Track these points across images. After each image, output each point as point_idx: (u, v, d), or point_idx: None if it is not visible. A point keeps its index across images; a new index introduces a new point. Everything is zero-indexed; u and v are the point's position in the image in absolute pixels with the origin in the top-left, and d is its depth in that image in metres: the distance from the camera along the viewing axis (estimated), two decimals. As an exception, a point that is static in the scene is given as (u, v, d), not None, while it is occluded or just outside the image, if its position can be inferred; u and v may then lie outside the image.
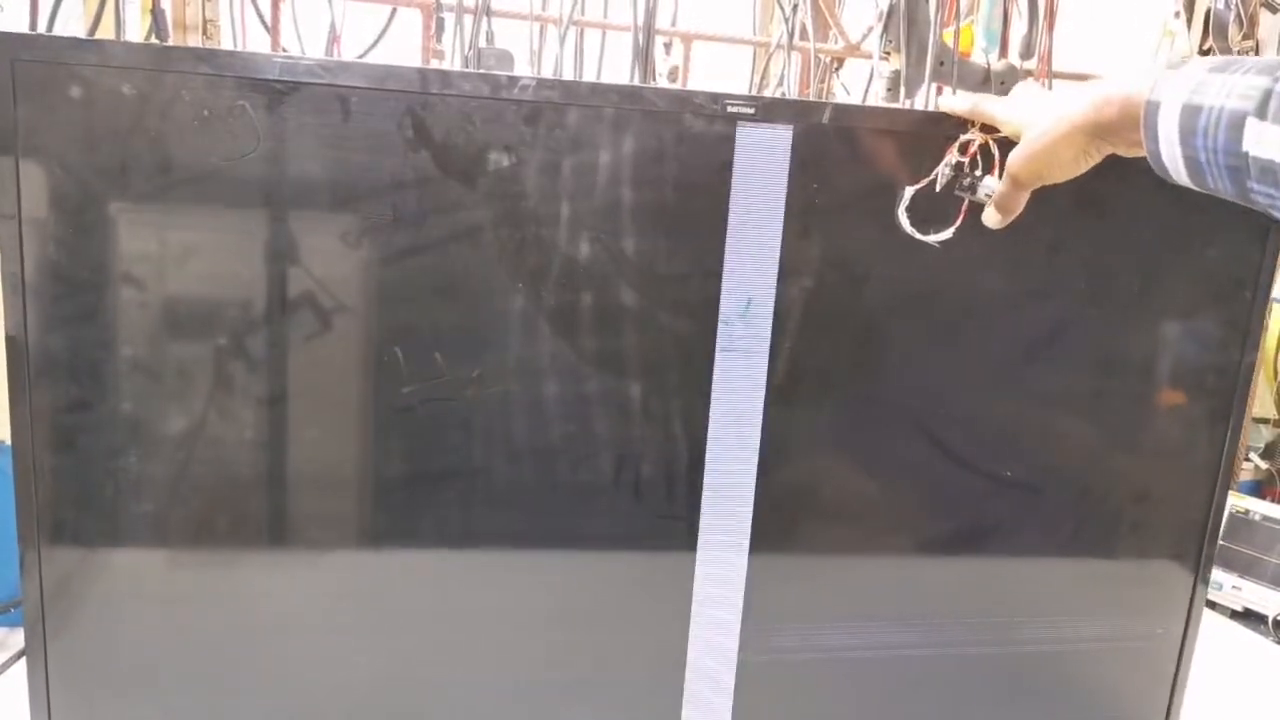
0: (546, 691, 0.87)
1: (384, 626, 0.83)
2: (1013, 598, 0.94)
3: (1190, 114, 0.58)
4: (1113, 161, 0.71)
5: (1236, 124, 0.55)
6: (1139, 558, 0.95)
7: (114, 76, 0.69)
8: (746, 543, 0.86)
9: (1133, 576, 0.96)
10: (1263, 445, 1.85)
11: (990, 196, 0.77)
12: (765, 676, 0.89)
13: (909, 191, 0.79)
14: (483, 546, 0.83)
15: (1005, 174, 0.75)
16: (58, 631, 0.77)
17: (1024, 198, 0.75)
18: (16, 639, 1.02)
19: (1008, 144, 0.76)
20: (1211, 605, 1.42)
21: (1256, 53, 1.57)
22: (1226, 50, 1.55)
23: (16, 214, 0.70)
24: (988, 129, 0.78)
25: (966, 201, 0.79)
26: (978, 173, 0.78)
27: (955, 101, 0.80)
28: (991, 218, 0.77)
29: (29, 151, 0.69)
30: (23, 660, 0.80)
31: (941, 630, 0.92)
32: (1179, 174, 0.61)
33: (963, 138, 0.78)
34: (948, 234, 0.79)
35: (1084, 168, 0.71)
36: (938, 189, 0.79)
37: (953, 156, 0.78)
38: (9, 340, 0.72)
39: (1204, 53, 1.60)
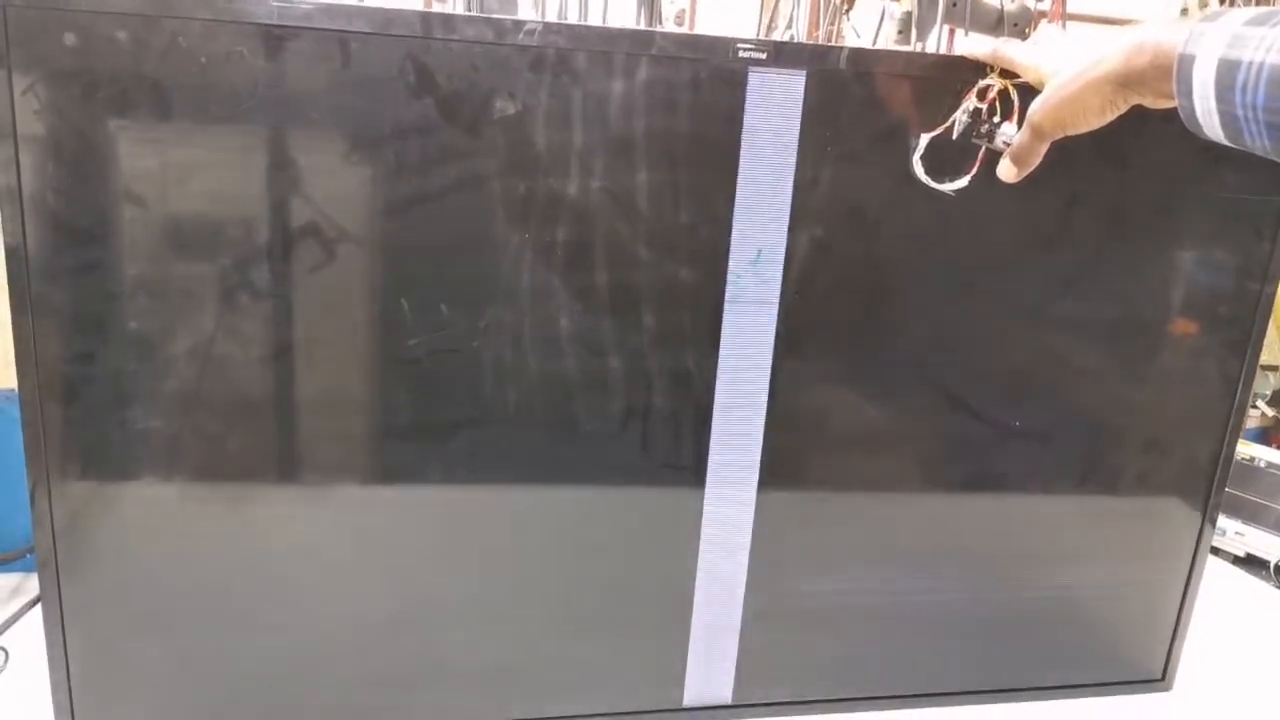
0: (555, 629, 0.88)
1: (394, 563, 0.83)
2: (1018, 543, 0.94)
3: (1228, 69, 0.56)
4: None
5: (1278, 79, 0.53)
6: (1146, 503, 0.96)
7: (109, 22, 0.67)
8: (753, 491, 0.86)
9: (1139, 521, 0.96)
10: (1269, 392, 1.85)
11: (1009, 144, 0.75)
12: (771, 620, 0.90)
13: (924, 139, 0.77)
14: (492, 484, 0.83)
15: (1026, 123, 0.72)
16: (71, 574, 0.78)
17: (1043, 149, 0.73)
18: (32, 584, 1.03)
19: (1029, 91, 0.74)
20: (1215, 551, 1.43)
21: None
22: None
23: (16, 179, 0.69)
24: (1007, 74, 0.76)
25: (983, 149, 0.77)
26: (996, 119, 0.76)
27: (975, 45, 0.77)
28: (1008, 170, 0.75)
29: (24, 101, 0.68)
30: (39, 606, 0.81)
31: (947, 574, 0.93)
32: (1213, 130, 0.59)
33: (981, 83, 0.76)
34: (963, 182, 0.78)
35: (1108, 118, 0.69)
36: (954, 137, 0.77)
37: (970, 102, 0.76)
38: (12, 286, 0.71)
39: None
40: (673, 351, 0.81)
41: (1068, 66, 0.68)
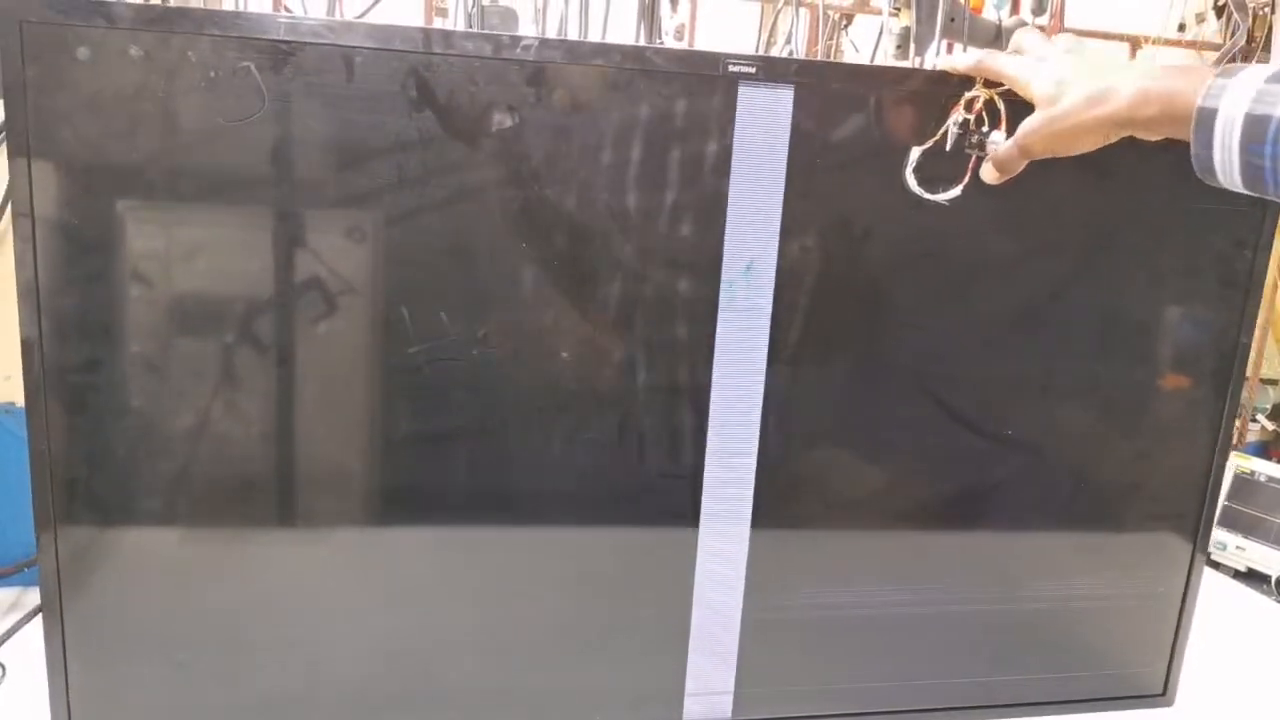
0: (556, 646, 0.88)
1: (393, 590, 0.83)
2: (1014, 556, 0.94)
3: (1255, 123, 0.58)
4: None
5: None
6: (1140, 516, 0.96)
7: (121, 38, 0.68)
8: (749, 502, 0.86)
9: (1134, 535, 0.96)
10: (1269, 407, 1.85)
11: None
12: (769, 634, 0.90)
13: (916, 152, 0.78)
14: (490, 511, 0.83)
15: (1016, 142, 0.74)
16: (73, 591, 0.78)
17: (1025, 163, 0.75)
18: (30, 598, 1.03)
19: (1014, 98, 0.75)
20: (1215, 565, 1.43)
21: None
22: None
23: (28, 189, 0.70)
24: (991, 84, 0.77)
25: (974, 159, 0.78)
26: (985, 129, 0.77)
27: (957, 59, 0.78)
28: (989, 174, 0.77)
29: (38, 112, 0.69)
30: (38, 618, 0.81)
31: (944, 589, 0.93)
32: (1230, 177, 0.61)
33: (967, 95, 0.77)
34: (956, 192, 0.79)
35: (1098, 147, 0.71)
36: (947, 149, 0.78)
37: (959, 115, 0.78)
38: (22, 301, 0.72)
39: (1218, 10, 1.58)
40: (667, 360, 0.82)
41: (1066, 97, 0.69)
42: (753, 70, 0.76)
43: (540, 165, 0.75)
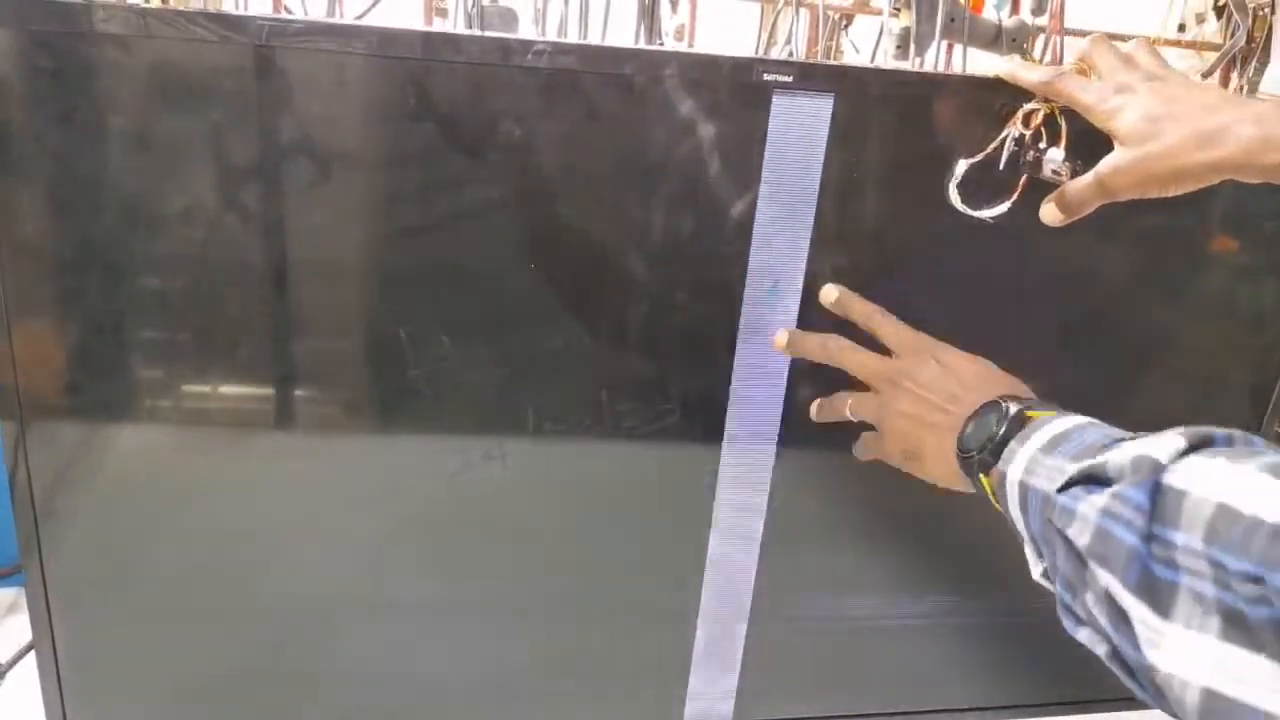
0: (556, 641, 0.88)
1: (394, 566, 0.83)
2: (1016, 556, 0.94)
3: None
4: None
5: None
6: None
7: (118, 40, 0.68)
8: (761, 516, 0.86)
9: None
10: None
11: (1057, 173, 0.70)
12: (777, 635, 0.90)
13: (962, 166, 0.73)
14: (498, 504, 0.83)
15: (1100, 180, 0.68)
16: (57, 586, 0.78)
17: (1099, 204, 0.70)
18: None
19: (1077, 116, 0.70)
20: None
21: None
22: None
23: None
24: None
25: (1025, 177, 0.72)
26: (1042, 145, 0.72)
27: (1021, 71, 0.72)
28: (1052, 215, 0.71)
29: (34, 116, 0.68)
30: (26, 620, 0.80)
31: (955, 590, 0.93)
32: None
33: (1027, 107, 0.71)
34: (1002, 209, 0.73)
35: (1196, 188, 0.66)
36: (1001, 165, 0.73)
37: (1016, 129, 0.72)
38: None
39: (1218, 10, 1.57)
40: (684, 379, 0.80)
41: (1165, 135, 0.64)
42: (789, 78, 0.71)
43: (548, 177, 0.74)
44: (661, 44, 1.23)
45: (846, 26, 1.56)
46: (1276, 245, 0.89)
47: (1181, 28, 1.61)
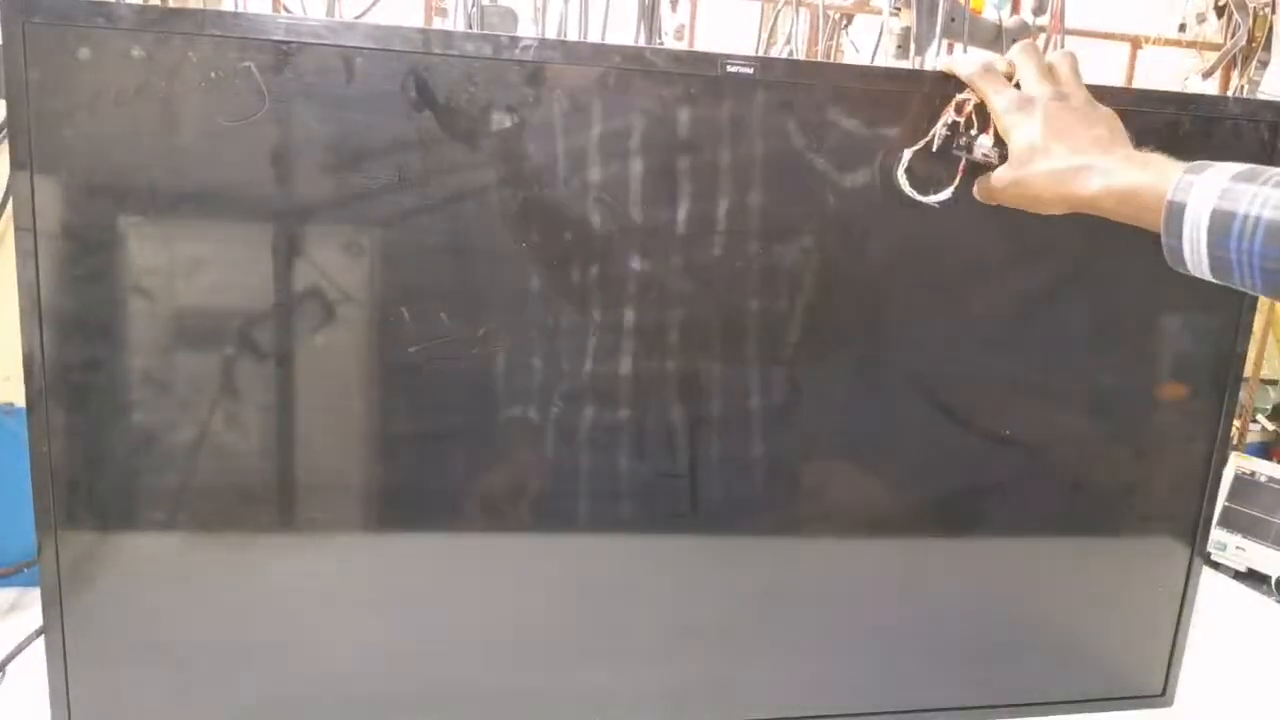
0: (554, 662, 0.88)
1: (396, 597, 0.83)
2: (1014, 557, 0.94)
3: (1222, 219, 0.61)
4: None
5: (1274, 232, 0.59)
6: (1141, 518, 0.96)
7: (122, 39, 0.68)
8: (751, 501, 0.86)
9: (1135, 537, 0.96)
10: (1269, 407, 1.85)
11: (987, 157, 0.76)
12: (770, 636, 0.90)
13: (907, 154, 0.78)
14: (491, 518, 0.83)
15: (990, 187, 0.75)
16: (74, 593, 0.78)
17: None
18: (29, 599, 1.03)
19: None
20: (1215, 565, 1.42)
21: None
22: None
23: (29, 189, 0.70)
24: None
25: (964, 161, 0.78)
26: (973, 131, 0.77)
27: (958, 64, 0.78)
28: (977, 195, 0.78)
29: (40, 111, 0.69)
30: (39, 622, 0.81)
31: (946, 591, 0.93)
32: (1199, 267, 0.64)
33: (958, 97, 0.77)
34: (946, 194, 0.78)
35: (1061, 213, 0.73)
36: (934, 149, 0.78)
37: (949, 116, 0.77)
38: (23, 299, 0.72)
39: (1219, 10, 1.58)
40: (664, 361, 0.82)
41: (1034, 164, 0.71)
42: (749, 71, 0.76)
43: (538, 166, 0.76)
44: (661, 43, 1.23)
45: (846, 26, 1.56)
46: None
47: (1182, 27, 1.61)
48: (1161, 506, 0.95)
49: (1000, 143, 0.75)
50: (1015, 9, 1.28)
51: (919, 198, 0.79)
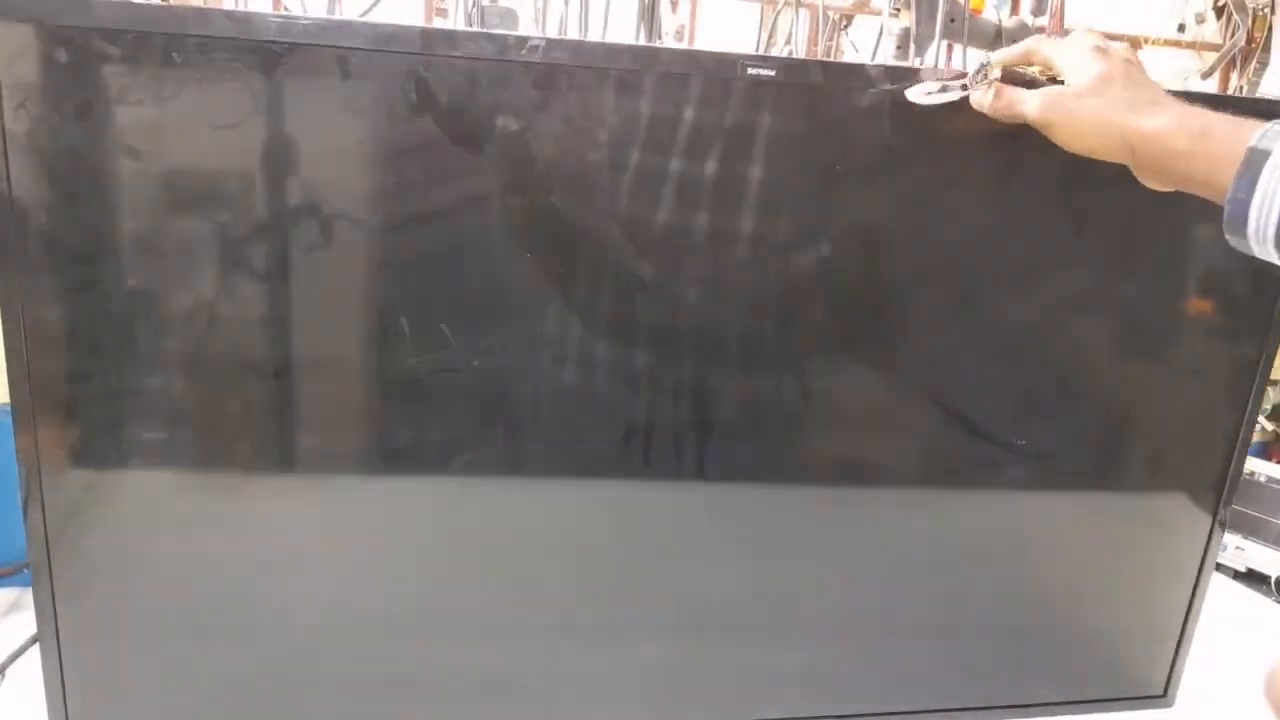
0: (556, 640, 0.88)
1: (393, 573, 0.82)
2: (1019, 558, 0.94)
3: None
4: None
5: None
6: (1151, 518, 0.95)
7: (107, 37, 0.66)
8: (756, 498, 0.86)
9: (1143, 537, 0.96)
10: (1269, 407, 1.85)
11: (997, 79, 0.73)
12: (771, 633, 0.90)
13: (930, 83, 0.75)
14: (491, 474, 0.82)
15: (1040, 101, 0.70)
16: (65, 589, 0.78)
17: (1021, 120, 0.72)
18: (29, 599, 1.03)
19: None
20: (1215, 566, 1.42)
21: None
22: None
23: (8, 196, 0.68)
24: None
25: (976, 74, 0.74)
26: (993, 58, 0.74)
27: (1007, 50, 0.75)
28: (981, 100, 0.73)
29: (16, 117, 0.67)
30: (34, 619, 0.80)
31: (949, 589, 0.93)
32: (1263, 233, 0.59)
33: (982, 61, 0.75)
34: (951, 97, 0.74)
35: (1102, 156, 0.69)
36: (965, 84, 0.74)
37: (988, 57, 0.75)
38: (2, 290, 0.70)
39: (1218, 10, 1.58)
40: (672, 367, 0.81)
41: (1105, 93, 0.67)
42: (771, 73, 0.73)
43: (543, 170, 0.74)
44: (661, 43, 1.23)
45: (846, 27, 1.56)
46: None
47: (1181, 28, 1.61)
48: (1175, 504, 0.95)
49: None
50: (1015, 9, 1.28)
51: (922, 102, 0.74)
